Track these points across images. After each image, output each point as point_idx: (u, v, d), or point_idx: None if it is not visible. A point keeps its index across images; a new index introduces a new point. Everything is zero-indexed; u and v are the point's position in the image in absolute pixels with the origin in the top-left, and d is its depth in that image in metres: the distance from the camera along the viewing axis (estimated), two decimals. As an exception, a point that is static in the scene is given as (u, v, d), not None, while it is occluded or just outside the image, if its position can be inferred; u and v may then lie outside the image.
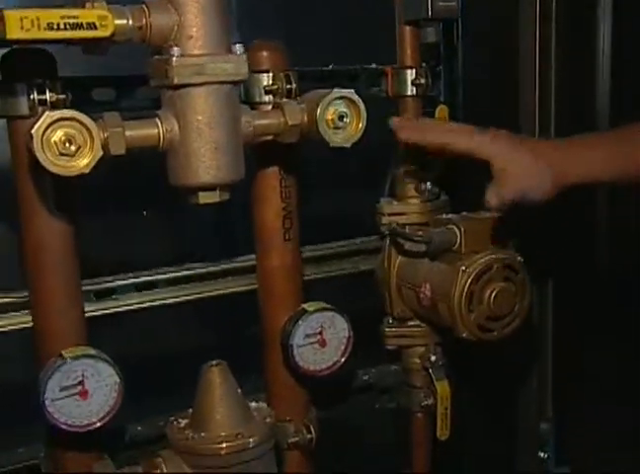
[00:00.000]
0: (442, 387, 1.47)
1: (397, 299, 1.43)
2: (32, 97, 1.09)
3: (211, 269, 1.43)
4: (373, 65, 1.45)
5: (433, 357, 1.46)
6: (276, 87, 1.25)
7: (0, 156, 1.21)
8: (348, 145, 1.14)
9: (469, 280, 1.25)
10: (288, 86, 1.25)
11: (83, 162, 0.98)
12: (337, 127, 1.13)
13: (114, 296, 1.36)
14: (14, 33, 0.91)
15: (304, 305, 1.30)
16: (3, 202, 1.24)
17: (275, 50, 1.28)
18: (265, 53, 1.27)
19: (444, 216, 1.35)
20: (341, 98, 1.13)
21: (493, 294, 1.27)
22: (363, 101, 1.15)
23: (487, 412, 1.90)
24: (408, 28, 1.39)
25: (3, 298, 1.25)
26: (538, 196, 1.17)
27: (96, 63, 1.13)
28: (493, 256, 1.28)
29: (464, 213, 1.35)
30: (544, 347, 1.91)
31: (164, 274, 1.39)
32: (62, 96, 1.12)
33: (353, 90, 1.14)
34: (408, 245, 1.37)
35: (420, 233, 1.33)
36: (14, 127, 1.14)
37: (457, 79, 1.54)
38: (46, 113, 0.96)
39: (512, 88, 1.69)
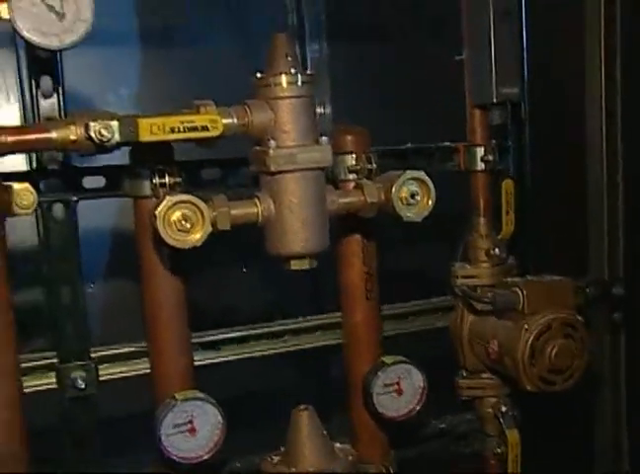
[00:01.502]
0: (513, 435, 1.59)
1: (469, 353, 1.58)
2: (154, 181, 1.31)
3: (302, 324, 1.62)
4: (447, 143, 1.62)
5: (503, 408, 1.59)
6: (358, 167, 1.44)
7: (126, 227, 1.44)
8: (419, 220, 1.31)
9: (531, 338, 1.40)
10: (369, 166, 1.44)
11: (196, 237, 1.19)
12: (409, 204, 1.31)
13: (216, 348, 1.56)
14: (145, 136, 1.14)
15: (383, 358, 1.46)
16: (127, 265, 1.46)
17: (357, 134, 1.47)
18: (349, 137, 1.47)
19: (510, 279, 1.50)
20: (412, 178, 1.31)
21: (554, 351, 1.40)
22: (438, 175, 1.32)
23: (560, 455, 1.97)
24: (477, 110, 1.56)
25: (126, 348, 1.47)
26: None
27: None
28: (553, 316, 1.41)
29: (528, 277, 1.49)
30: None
31: (260, 328, 1.59)
32: (178, 179, 1.34)
33: (422, 171, 1.32)
34: (478, 305, 1.52)
35: (488, 295, 1.48)
36: (138, 205, 1.36)
37: (524, 154, 1.69)
38: (167, 197, 1.18)
39: (578, 164, 1.81)
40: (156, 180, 1.31)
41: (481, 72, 1.49)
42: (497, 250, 1.56)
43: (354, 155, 1.45)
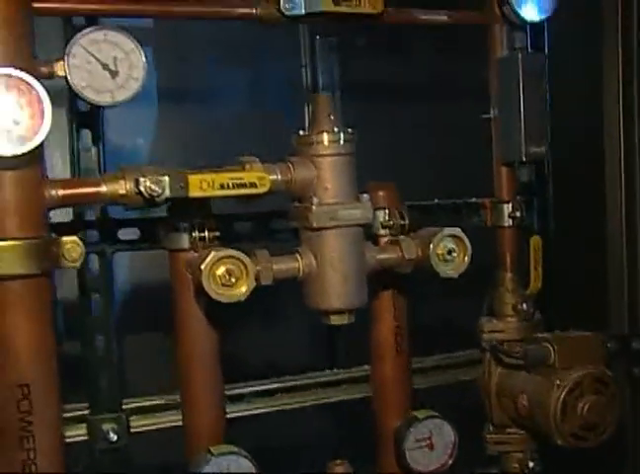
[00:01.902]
0: (539, 492, 1.59)
1: (496, 408, 1.58)
2: (193, 234, 1.33)
3: (330, 377, 1.63)
4: (473, 199, 1.65)
5: (530, 464, 1.59)
6: (391, 223, 1.46)
7: (159, 279, 1.45)
8: (455, 276, 1.33)
9: (563, 394, 1.41)
10: (402, 222, 1.46)
11: (241, 291, 1.20)
12: (446, 261, 1.33)
13: (245, 400, 1.56)
14: (195, 192, 1.16)
15: (415, 413, 1.47)
16: (159, 316, 1.47)
17: (389, 190, 1.50)
18: (381, 193, 1.49)
19: (540, 335, 1.52)
20: (450, 235, 1.33)
21: (586, 407, 1.41)
22: (464, 230, 1.34)
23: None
24: (504, 168, 1.59)
25: (158, 399, 1.47)
26: None
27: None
28: (584, 371, 1.43)
29: (557, 332, 1.51)
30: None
31: (289, 381, 1.60)
32: (217, 233, 1.35)
33: (459, 228, 1.34)
34: (507, 359, 1.53)
35: (517, 349, 1.50)
36: (175, 258, 1.37)
37: (548, 210, 1.73)
38: (213, 252, 1.19)
39: (598, 220, 1.85)
40: (195, 233, 1.33)
41: (511, 132, 1.53)
42: (524, 305, 1.58)
43: (386, 211, 1.48)
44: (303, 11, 1.38)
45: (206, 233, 1.33)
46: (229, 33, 1.98)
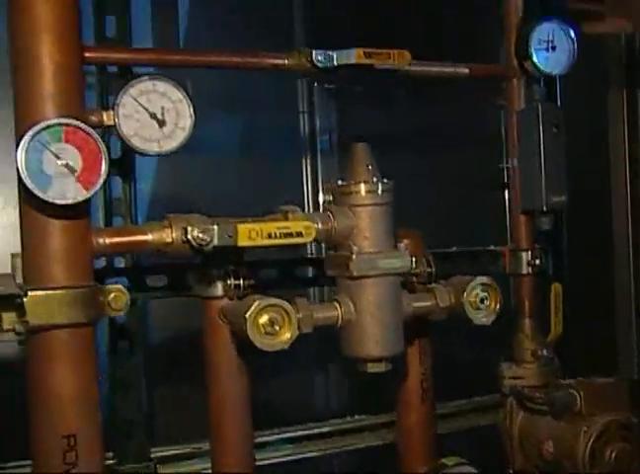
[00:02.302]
0: None
1: (519, 452, 1.60)
2: (228, 282, 1.33)
3: (350, 425, 1.63)
4: (492, 247, 1.68)
5: (551, 507, 1.60)
6: (418, 270, 1.47)
7: (189, 326, 1.45)
8: (488, 323, 1.35)
9: (591, 440, 1.43)
10: (429, 269, 1.48)
11: (284, 339, 1.20)
12: (478, 308, 1.35)
13: (269, 448, 1.56)
14: (243, 241, 1.17)
15: (443, 459, 1.48)
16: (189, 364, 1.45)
17: (415, 238, 1.52)
18: (406, 241, 1.51)
19: (564, 381, 1.54)
20: (482, 284, 1.36)
21: (613, 453, 1.43)
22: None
23: None
24: (524, 216, 1.62)
25: (187, 448, 1.45)
26: None
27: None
28: (610, 417, 1.45)
29: (580, 378, 1.53)
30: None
31: (312, 429, 1.59)
32: (252, 281, 1.36)
33: (490, 277, 1.37)
34: (531, 405, 1.55)
35: (541, 395, 1.51)
36: (208, 305, 1.37)
37: (562, 257, 1.76)
38: (257, 301, 1.20)
39: (607, 267, 1.90)
40: (231, 281, 1.33)
41: (531, 181, 1.57)
42: (544, 351, 1.60)
43: (413, 258, 1.49)
44: (335, 63, 1.40)
45: (242, 281, 1.34)
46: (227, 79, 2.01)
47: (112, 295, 1.16)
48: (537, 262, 1.61)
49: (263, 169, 2.03)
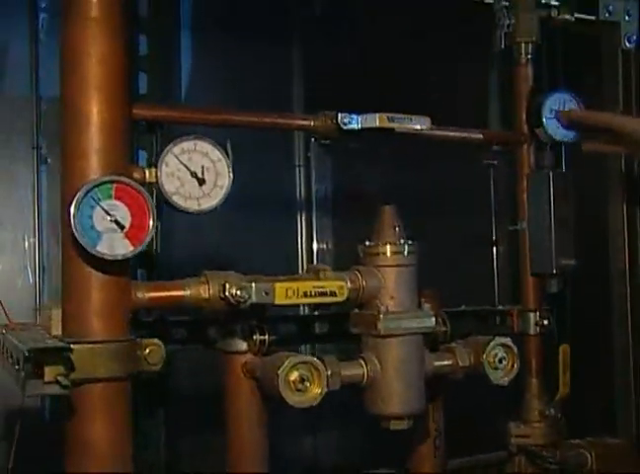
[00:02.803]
0: None
1: (526, 512, 1.62)
2: (254, 337, 1.35)
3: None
4: (500, 307, 1.73)
5: None
6: (436, 329, 1.51)
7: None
8: (506, 383, 1.39)
9: (602, 500, 1.46)
10: (444, 328, 1.52)
11: (314, 396, 1.23)
12: (496, 368, 1.39)
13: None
14: (280, 299, 1.20)
15: (456, 518, 1.50)
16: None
17: (432, 296, 1.55)
18: (423, 299, 1.55)
19: (574, 441, 1.57)
20: (501, 344, 1.39)
21: (623, 512, 1.47)
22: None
23: None
24: (532, 278, 1.67)
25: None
26: None
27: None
28: (621, 479, 1.49)
29: (589, 439, 1.57)
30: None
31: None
32: (274, 336, 1.38)
33: (509, 338, 1.41)
34: (542, 463, 1.58)
35: (554, 454, 1.55)
36: (231, 360, 1.39)
37: (566, 318, 1.81)
38: (290, 358, 1.22)
39: (605, 328, 1.95)
40: (256, 337, 1.35)
41: (541, 244, 1.62)
42: (552, 410, 1.64)
43: (434, 318, 1.53)
44: (360, 126, 1.45)
45: (267, 336, 1.36)
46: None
47: (148, 350, 1.18)
48: (545, 322, 1.66)
49: (259, 220, 2.06)
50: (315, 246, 2.30)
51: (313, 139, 2.28)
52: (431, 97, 2.13)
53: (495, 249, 2.37)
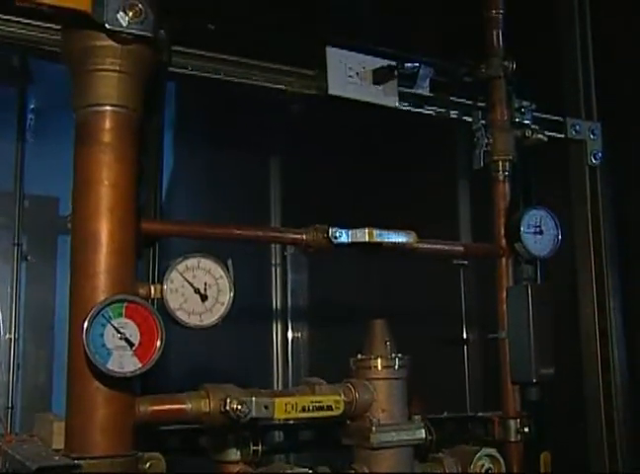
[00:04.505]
0: None
1: None
2: (248, 448, 1.37)
3: None
4: (480, 414, 1.77)
5: None
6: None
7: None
8: (493, 505, 1.43)
9: None
10: (430, 437, 1.55)
11: (309, 510, 1.25)
12: (483, 480, 1.43)
13: None
14: (280, 414, 1.24)
15: None
16: None
17: (419, 405, 1.59)
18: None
19: None
20: (487, 455, 1.44)
21: None
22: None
23: None
24: (513, 386, 1.73)
25: None
26: None
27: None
28: None
29: None
30: None
31: None
32: (264, 447, 1.41)
33: (495, 449, 1.46)
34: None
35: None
36: (225, 469, 1.40)
37: (548, 425, 1.85)
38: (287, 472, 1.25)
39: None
40: (250, 447, 1.38)
41: (521, 354, 1.68)
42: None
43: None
44: (349, 240, 1.52)
45: (260, 446, 1.39)
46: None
47: (149, 464, 1.20)
48: (526, 429, 1.71)
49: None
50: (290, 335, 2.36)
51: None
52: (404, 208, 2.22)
53: (466, 350, 2.44)
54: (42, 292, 2.22)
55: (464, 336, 2.49)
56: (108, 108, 1.21)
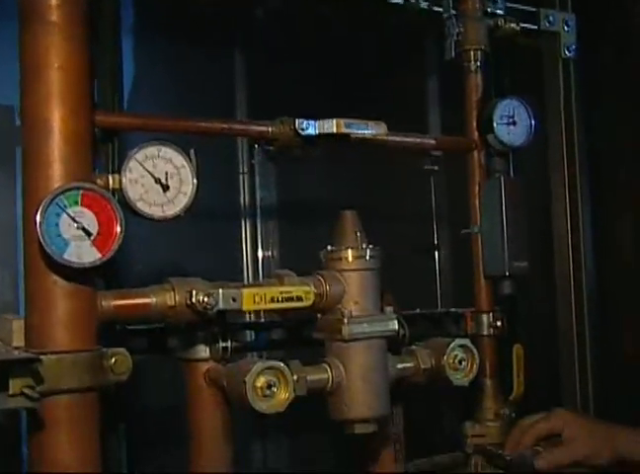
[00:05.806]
0: None
1: (484, 512, 1.65)
2: (217, 345, 1.34)
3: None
4: (453, 309, 1.76)
5: None
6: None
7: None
8: (467, 384, 1.42)
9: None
10: (402, 331, 1.53)
11: (281, 401, 1.22)
12: (456, 369, 1.42)
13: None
14: (248, 305, 1.20)
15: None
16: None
17: (392, 300, 1.56)
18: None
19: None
20: (460, 346, 1.42)
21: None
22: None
23: None
24: (485, 281, 1.71)
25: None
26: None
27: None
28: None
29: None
30: None
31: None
32: (237, 344, 1.37)
33: (469, 339, 1.44)
34: (498, 463, 1.61)
35: (509, 454, 1.58)
36: (192, 368, 1.37)
37: (522, 320, 1.85)
38: (258, 364, 1.22)
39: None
40: (219, 344, 1.34)
41: (494, 248, 1.66)
42: (506, 410, 1.67)
43: (394, 321, 1.54)
44: (317, 131, 1.46)
45: (229, 343, 1.36)
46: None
47: (114, 359, 1.16)
48: (498, 324, 1.70)
49: (204, 226, 2.04)
50: (260, 254, 2.31)
51: (256, 146, 2.29)
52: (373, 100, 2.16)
53: (437, 253, 2.42)
54: (3, 206, 2.15)
55: (435, 242, 2.46)
56: (54, -19, 1.12)
